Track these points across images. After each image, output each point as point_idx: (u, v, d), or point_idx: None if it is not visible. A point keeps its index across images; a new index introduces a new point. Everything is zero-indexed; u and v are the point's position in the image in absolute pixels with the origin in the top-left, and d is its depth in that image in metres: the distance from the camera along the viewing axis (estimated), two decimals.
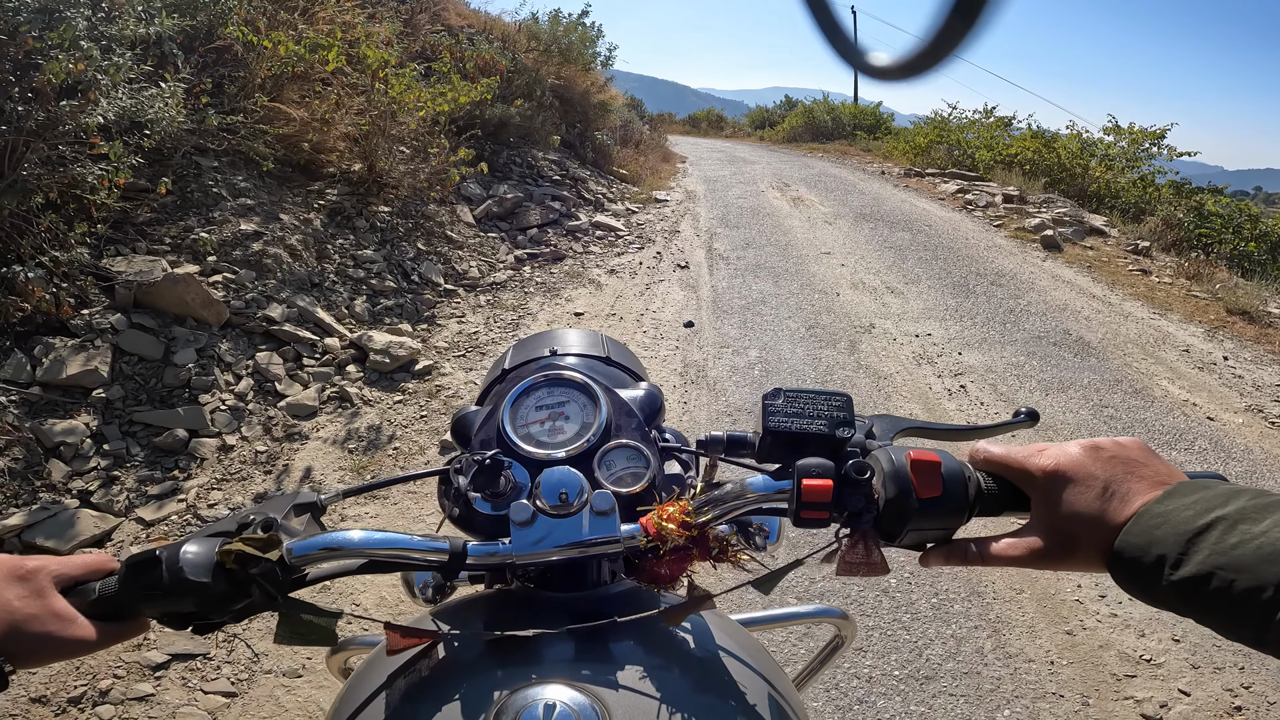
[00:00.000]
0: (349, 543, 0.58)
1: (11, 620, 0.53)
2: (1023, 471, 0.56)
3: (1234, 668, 2.00)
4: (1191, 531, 0.45)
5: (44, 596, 0.55)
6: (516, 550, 0.61)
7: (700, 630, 0.63)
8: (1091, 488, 0.51)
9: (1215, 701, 1.88)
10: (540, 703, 0.50)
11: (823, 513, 0.58)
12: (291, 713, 1.76)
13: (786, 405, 0.64)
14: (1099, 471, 0.52)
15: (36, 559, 0.57)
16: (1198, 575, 0.44)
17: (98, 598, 0.56)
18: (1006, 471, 0.57)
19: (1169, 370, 4.16)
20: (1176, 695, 1.90)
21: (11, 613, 0.54)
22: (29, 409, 2.50)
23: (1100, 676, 1.96)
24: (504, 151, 6.99)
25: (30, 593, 0.55)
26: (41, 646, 0.54)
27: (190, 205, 3.61)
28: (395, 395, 3.31)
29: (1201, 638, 2.10)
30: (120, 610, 0.56)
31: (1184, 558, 0.45)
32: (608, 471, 0.69)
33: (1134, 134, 10.86)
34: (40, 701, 1.74)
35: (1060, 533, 0.52)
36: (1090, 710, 1.85)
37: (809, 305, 4.96)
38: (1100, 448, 0.53)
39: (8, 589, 0.55)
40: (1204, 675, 1.97)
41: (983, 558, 0.56)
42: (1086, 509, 0.51)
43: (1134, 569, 0.47)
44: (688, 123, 24.91)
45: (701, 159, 13.19)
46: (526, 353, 0.88)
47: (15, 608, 0.54)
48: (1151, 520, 0.48)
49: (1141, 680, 1.95)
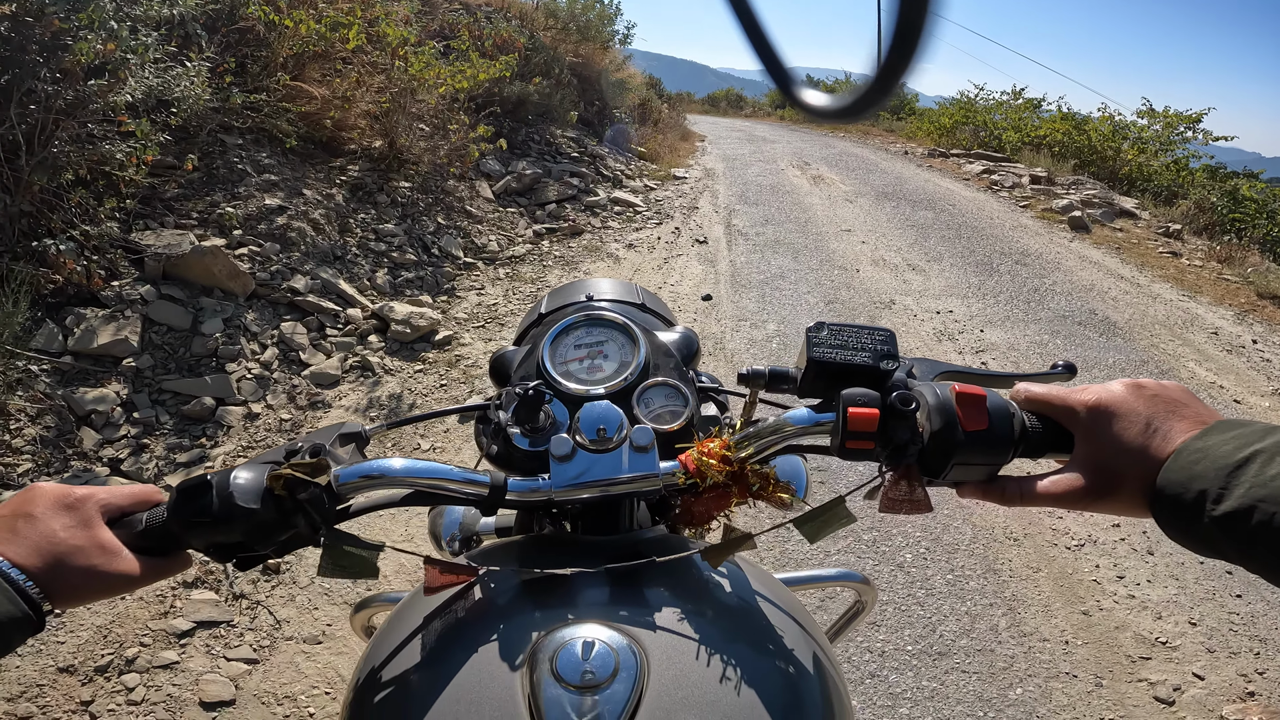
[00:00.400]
0: (392, 470, 0.58)
1: (56, 552, 0.51)
2: (1066, 408, 0.55)
3: (1249, 653, 1.98)
4: (1231, 465, 0.45)
5: (91, 527, 0.53)
6: (555, 485, 0.60)
7: (737, 578, 0.62)
8: (1134, 423, 0.51)
9: (1229, 686, 1.87)
10: (579, 641, 0.50)
11: (868, 443, 0.56)
12: (311, 679, 1.79)
13: (830, 338, 0.63)
14: (1142, 408, 0.51)
15: (84, 488, 0.55)
16: (1239, 509, 0.43)
17: (144, 529, 0.55)
18: (1050, 409, 0.56)
19: (1196, 352, 4.09)
20: (1190, 679, 1.89)
21: (56, 544, 0.51)
22: (61, 378, 2.57)
23: (1115, 658, 1.95)
24: (522, 129, 6.97)
25: (77, 523, 0.53)
26: (84, 581, 0.52)
27: (216, 181, 3.66)
28: (416, 364, 3.35)
29: (1218, 621, 2.08)
30: (165, 543, 0.55)
31: (1225, 492, 0.44)
32: (646, 409, 0.68)
33: (1169, 117, 10.63)
34: (68, 671, 1.75)
35: (1103, 469, 0.52)
36: (1103, 691, 1.84)
37: (828, 281, 4.92)
38: (1143, 386, 0.53)
39: (54, 518, 0.52)
40: (1219, 659, 1.95)
41: (1023, 496, 0.55)
42: (1129, 444, 0.50)
43: (1175, 507, 0.47)
44: (707, 102, 24.61)
45: (721, 137, 13.05)
46: (562, 298, 0.89)
47: (61, 538, 0.52)
48: (1191, 456, 0.47)
49: (1156, 663, 1.94)
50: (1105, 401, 0.52)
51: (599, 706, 0.47)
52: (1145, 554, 2.36)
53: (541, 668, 0.49)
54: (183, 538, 0.55)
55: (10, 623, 0.47)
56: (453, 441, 2.79)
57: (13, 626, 0.47)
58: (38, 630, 0.50)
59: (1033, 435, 0.55)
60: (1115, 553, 2.36)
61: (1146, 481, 0.49)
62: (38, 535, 0.51)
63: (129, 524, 0.56)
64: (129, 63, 2.97)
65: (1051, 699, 1.82)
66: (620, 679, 0.48)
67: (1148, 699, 1.83)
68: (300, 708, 1.71)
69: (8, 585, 0.48)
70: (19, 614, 0.47)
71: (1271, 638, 2.03)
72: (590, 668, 0.48)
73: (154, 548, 0.56)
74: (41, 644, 1.81)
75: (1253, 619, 2.10)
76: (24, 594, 0.48)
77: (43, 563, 0.50)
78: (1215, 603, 2.16)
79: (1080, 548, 2.38)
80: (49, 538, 0.51)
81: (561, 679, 0.48)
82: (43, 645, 1.80)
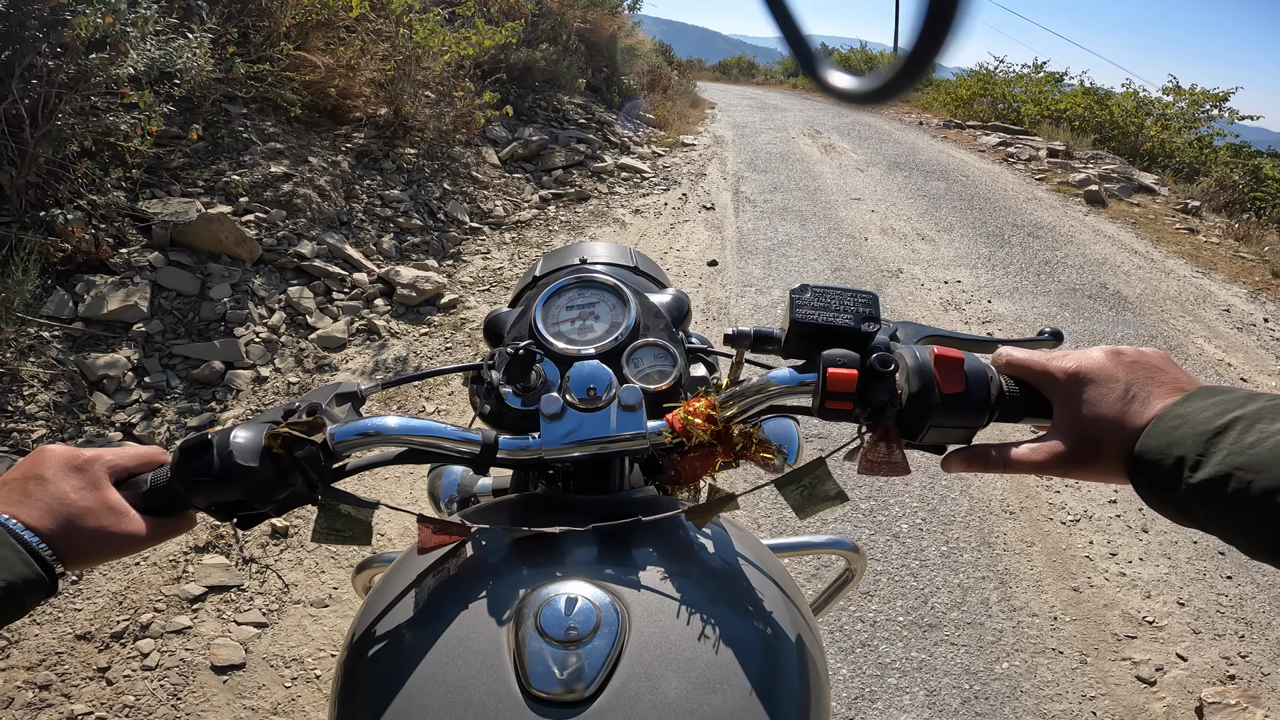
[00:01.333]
0: (387, 428, 0.60)
1: (67, 513, 0.52)
2: (1045, 374, 0.54)
3: (1234, 635, 1.99)
4: (1210, 432, 0.44)
5: (99, 488, 0.54)
6: (546, 444, 0.62)
7: (722, 540, 0.62)
8: (1113, 390, 0.51)
9: (1210, 669, 1.89)
10: (563, 597, 0.51)
11: (846, 403, 0.57)
12: (318, 641, 1.84)
13: (814, 300, 0.64)
14: (1121, 374, 0.51)
15: (92, 450, 0.56)
16: (1216, 476, 0.43)
17: (150, 489, 0.56)
18: (1029, 374, 0.56)
19: (1206, 329, 4.05)
20: (1173, 660, 1.91)
21: (67, 505, 0.52)
22: (72, 344, 2.61)
23: (1101, 636, 1.97)
24: (529, 95, 6.88)
25: (86, 484, 0.54)
26: (94, 543, 0.52)
27: (221, 150, 3.66)
28: (421, 328, 3.38)
29: (1206, 602, 2.10)
30: (170, 503, 0.57)
31: (1203, 459, 0.44)
32: (635, 369, 0.69)
33: (1195, 95, 10.43)
34: (85, 638, 1.79)
35: (1082, 435, 0.51)
36: (1087, 669, 1.86)
37: (836, 249, 4.89)
38: (1122, 353, 0.53)
39: (64, 479, 0.53)
40: (1203, 641, 1.97)
41: (1004, 463, 0.55)
42: (1108, 411, 0.50)
43: (1154, 473, 0.46)
44: (718, 69, 24.12)
45: (731, 105, 12.83)
46: (557, 261, 0.90)
47: (71, 500, 0.52)
48: (1171, 422, 0.47)
49: (1141, 642, 1.96)
50: (1084, 368, 0.52)
51: (580, 660, 0.49)
52: (1140, 531, 2.38)
53: (527, 623, 0.51)
54: (186, 497, 0.56)
55: (24, 585, 0.47)
56: (457, 404, 2.83)
57: (26, 589, 0.48)
58: (51, 593, 0.50)
59: (1010, 399, 0.56)
60: (1110, 529, 2.38)
61: (1125, 448, 0.49)
62: (49, 497, 0.52)
63: (135, 485, 0.57)
64: (129, 36, 2.96)
65: (1036, 674, 1.85)
66: (601, 634, 0.50)
67: (1130, 678, 1.85)
68: (307, 670, 1.77)
69: (21, 548, 0.48)
70: (33, 576, 0.48)
71: (1258, 620, 2.05)
72: (573, 623, 0.50)
73: (159, 508, 0.57)
74: (59, 611, 1.86)
75: (1240, 601, 2.12)
76: (38, 556, 0.49)
77: (54, 524, 0.51)
78: (1205, 583, 2.18)
79: (1075, 523, 2.40)
80: (60, 499, 0.52)
81: (545, 633, 0.50)
82: (60, 612, 1.85)
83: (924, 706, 1.75)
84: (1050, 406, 0.54)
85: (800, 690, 0.54)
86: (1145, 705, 1.78)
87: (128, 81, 2.98)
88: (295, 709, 1.68)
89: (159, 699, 1.68)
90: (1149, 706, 1.78)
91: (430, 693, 0.49)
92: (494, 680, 0.49)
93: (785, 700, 0.52)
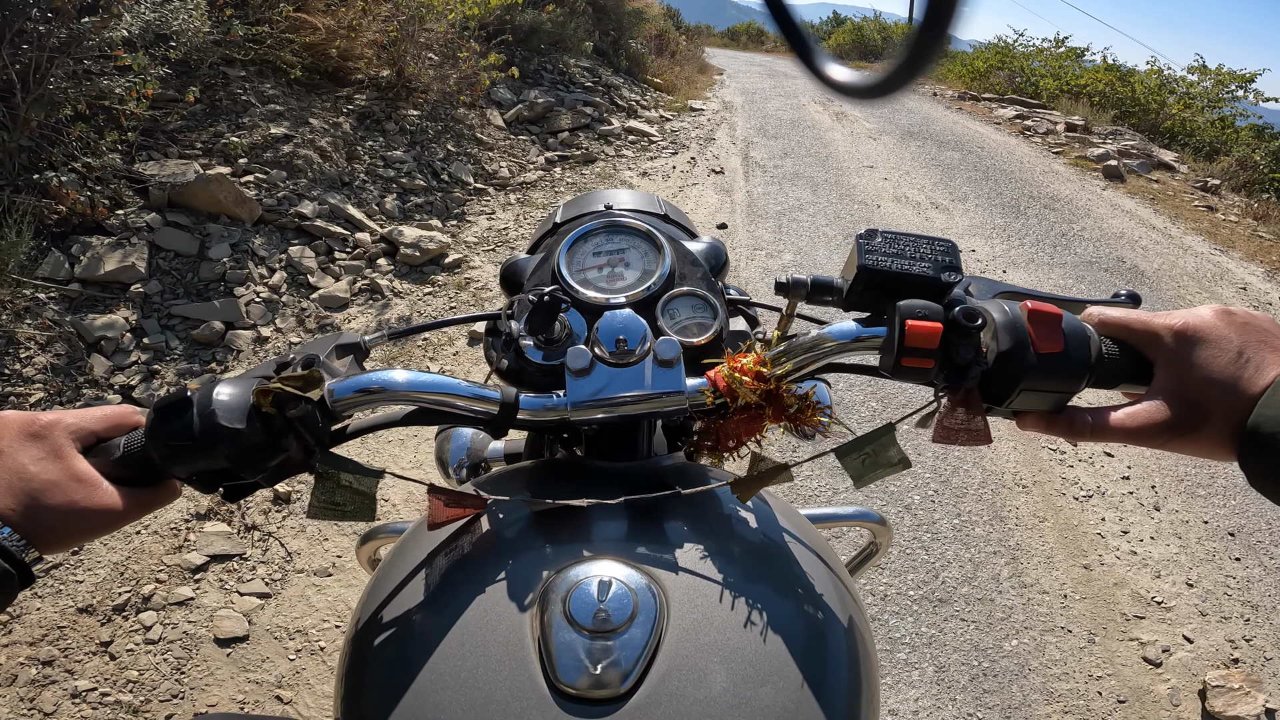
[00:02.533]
0: (393, 384, 0.53)
1: (29, 489, 0.45)
2: (1148, 332, 0.49)
3: (1240, 618, 1.97)
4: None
5: (63, 458, 0.47)
6: (572, 401, 0.55)
7: (763, 514, 0.56)
8: (1225, 352, 0.46)
9: (1215, 651, 1.87)
10: (594, 580, 0.46)
11: (927, 361, 0.50)
12: (322, 612, 1.82)
13: (885, 245, 0.56)
14: (1234, 335, 0.46)
15: (50, 413, 0.48)
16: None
17: (122, 455, 0.49)
18: (1129, 334, 0.50)
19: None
20: (1180, 641, 1.89)
21: (28, 480, 0.45)
22: (69, 305, 2.56)
23: (1110, 615, 1.95)
24: (535, 58, 6.73)
25: (46, 454, 0.46)
26: (65, 521, 0.45)
27: (219, 112, 3.57)
28: (425, 287, 3.34)
29: (1215, 584, 2.07)
30: (147, 471, 0.49)
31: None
32: (671, 320, 0.62)
33: (1221, 75, 10.29)
34: (87, 611, 1.77)
35: (1188, 400, 0.46)
36: (1095, 648, 1.85)
37: (847, 215, 4.80)
38: (1233, 313, 0.48)
39: (22, 450, 0.46)
40: (1210, 623, 1.95)
41: (1094, 430, 0.49)
42: (1219, 374, 0.45)
43: (1271, 447, 0.41)
44: (727, 35, 23.63)
45: (740, 71, 12.55)
46: (580, 208, 0.81)
47: (32, 473, 0.45)
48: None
49: (1149, 622, 1.94)
50: (1193, 326, 0.47)
51: (615, 652, 0.43)
52: (1152, 509, 2.34)
53: (553, 609, 0.45)
54: (163, 465, 0.48)
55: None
56: (462, 365, 2.78)
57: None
58: (27, 583, 0.44)
59: (1109, 361, 0.50)
60: (1122, 506, 2.35)
61: (1237, 418, 0.44)
62: (6, 472, 0.45)
63: (106, 451, 0.49)
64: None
65: (1045, 652, 1.83)
66: (638, 622, 0.44)
67: (1136, 659, 1.84)
68: (311, 641, 1.75)
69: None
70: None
71: (1264, 604, 2.02)
72: (606, 610, 0.44)
73: (135, 477, 0.49)
74: (60, 584, 1.83)
75: (1248, 584, 2.09)
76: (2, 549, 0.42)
77: (17, 504, 0.44)
78: (1214, 564, 2.15)
79: (1088, 499, 2.36)
80: (18, 473, 0.45)
81: (574, 621, 0.44)
82: (61, 585, 1.83)
83: (932, 683, 1.73)
84: (1149, 372, 0.49)
85: (851, 679, 0.49)
86: (1150, 687, 1.76)
87: (121, 44, 2.91)
88: (300, 682, 1.66)
89: (162, 673, 1.66)
90: (1154, 688, 1.76)
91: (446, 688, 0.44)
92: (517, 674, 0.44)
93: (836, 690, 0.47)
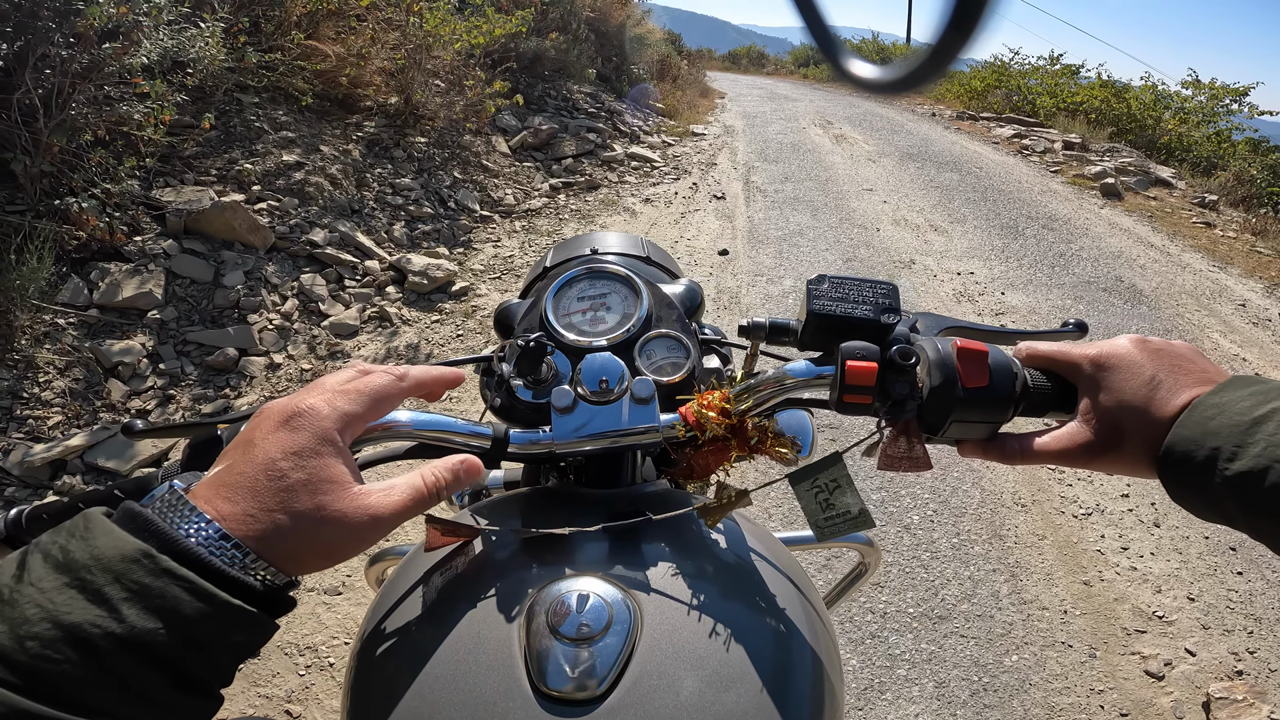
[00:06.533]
0: (399, 423, 0.59)
1: (282, 493, 0.38)
2: (1068, 363, 0.53)
3: (1243, 631, 1.98)
4: (1249, 422, 0.42)
5: (324, 456, 0.41)
6: (557, 437, 0.61)
7: (734, 536, 0.61)
8: (1139, 376, 0.49)
9: (1219, 664, 1.88)
10: (574, 594, 0.51)
11: (865, 397, 0.56)
12: (331, 629, 1.85)
13: (831, 290, 0.62)
14: (1147, 362, 0.50)
15: (308, 402, 0.43)
16: (1255, 469, 0.40)
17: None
18: (1052, 364, 0.55)
19: (1222, 323, 4.01)
20: (1182, 654, 1.90)
21: (278, 479, 0.39)
22: (88, 331, 2.63)
23: (1111, 630, 1.96)
24: (539, 84, 6.86)
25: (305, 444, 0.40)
26: (322, 537, 0.40)
27: (234, 139, 3.67)
28: (433, 315, 3.40)
29: (1216, 598, 2.09)
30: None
31: (1240, 450, 0.41)
32: (648, 360, 0.68)
33: (1215, 89, 10.37)
34: None
35: (1105, 423, 0.50)
36: (1096, 663, 1.86)
37: (847, 239, 4.87)
38: (1148, 341, 0.52)
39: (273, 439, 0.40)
40: (1212, 636, 1.96)
41: (1023, 453, 0.53)
42: (1133, 397, 0.49)
43: (1185, 466, 0.44)
44: (728, 59, 24.00)
45: (741, 95, 12.74)
46: (568, 251, 0.89)
47: (280, 470, 0.39)
48: (1206, 411, 0.44)
49: (1151, 637, 1.95)
50: (1107, 354, 0.51)
51: (593, 658, 0.48)
52: (1152, 526, 2.36)
53: (538, 620, 0.50)
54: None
55: (214, 622, 0.33)
56: (469, 391, 2.84)
57: (220, 624, 0.34)
58: (279, 612, 0.38)
59: (1035, 393, 0.54)
60: (1122, 523, 2.37)
61: (1152, 438, 0.47)
62: (255, 471, 0.38)
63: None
64: (142, 25, 2.97)
65: (1045, 667, 1.85)
66: (613, 632, 0.49)
67: (1139, 672, 1.85)
68: (321, 658, 1.79)
69: (194, 572, 0.33)
70: (223, 607, 0.34)
71: (1266, 617, 2.04)
72: (585, 620, 0.49)
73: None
74: None
75: (1250, 597, 2.10)
76: (228, 580, 0.34)
77: (262, 517, 0.37)
78: (1216, 579, 2.17)
79: (1087, 516, 2.39)
80: (268, 471, 0.38)
81: (557, 631, 0.49)
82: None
83: (933, 698, 1.75)
84: (1074, 400, 0.53)
85: (814, 686, 0.54)
86: (1153, 700, 1.78)
87: (141, 71, 2.99)
88: (309, 697, 1.70)
89: None
90: (1157, 701, 1.77)
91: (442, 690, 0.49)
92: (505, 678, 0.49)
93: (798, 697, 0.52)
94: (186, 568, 0.33)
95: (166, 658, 0.32)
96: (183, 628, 0.32)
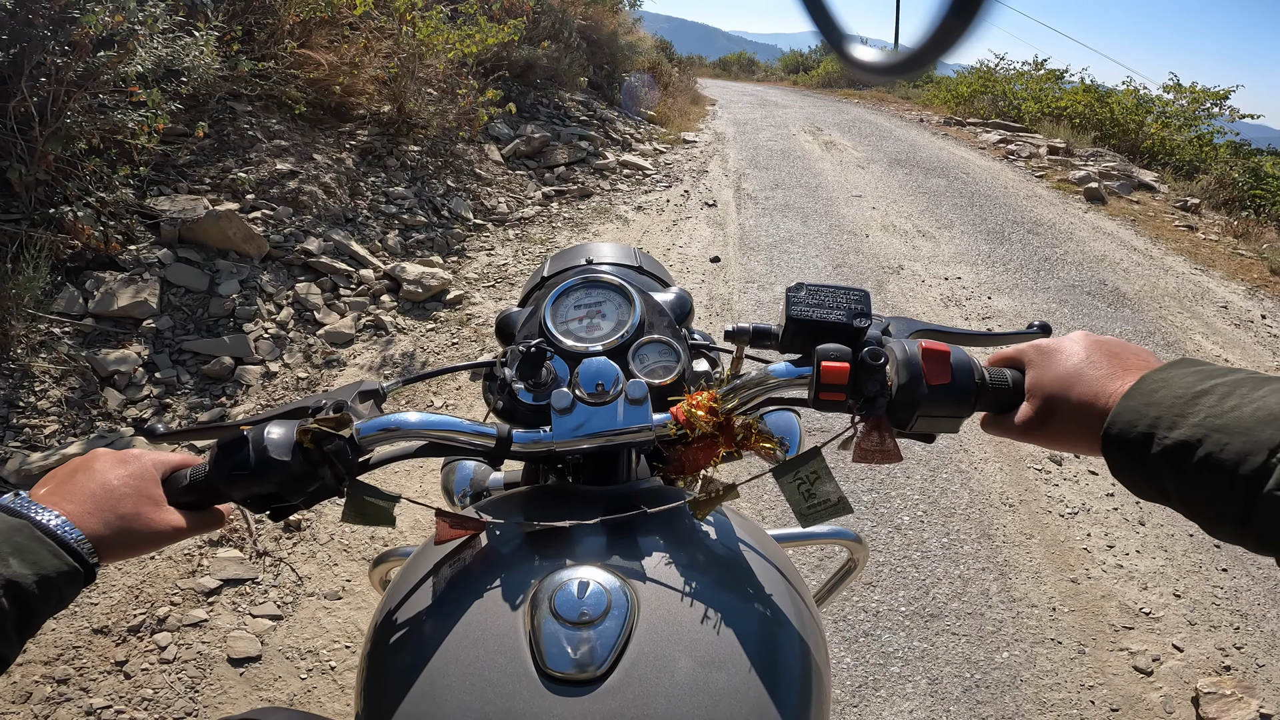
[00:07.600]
0: (408, 424, 0.64)
1: (109, 503, 0.54)
2: (1018, 354, 0.60)
3: (1229, 627, 2.03)
4: (1191, 394, 0.44)
5: (143, 480, 0.57)
6: (557, 436, 0.65)
7: (725, 529, 0.66)
8: (1074, 356, 0.55)
9: (1206, 659, 1.92)
10: (575, 582, 0.55)
11: (839, 395, 0.61)
12: (332, 633, 1.87)
13: (808, 297, 0.68)
14: (1080, 349, 0.56)
15: (135, 450, 0.60)
16: (1191, 440, 0.42)
17: (189, 484, 0.60)
18: (1010, 360, 0.61)
19: (1204, 325, 4.08)
20: (1170, 650, 1.94)
21: (111, 493, 0.55)
22: (83, 340, 2.64)
23: (1099, 626, 2.00)
24: (531, 93, 6.90)
25: (131, 475, 0.57)
26: (135, 536, 0.55)
27: (227, 148, 3.68)
28: (428, 323, 3.42)
29: (1202, 594, 2.13)
30: (203, 498, 0.61)
31: (1179, 419, 0.43)
32: (641, 364, 0.73)
33: (1195, 93, 10.51)
34: (102, 632, 1.81)
35: (1039, 399, 0.55)
36: (1085, 659, 1.90)
37: (837, 245, 4.93)
38: (1089, 334, 0.57)
39: (111, 470, 0.57)
40: (1199, 632, 2.00)
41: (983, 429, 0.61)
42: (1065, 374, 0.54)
43: (1127, 437, 0.46)
44: (718, 66, 24.14)
45: (731, 102, 12.83)
46: (564, 262, 0.94)
47: (114, 488, 0.55)
48: (1151, 385, 0.47)
49: (1138, 633, 1.99)
50: (1049, 344, 0.58)
51: (593, 640, 0.52)
52: (1137, 524, 2.41)
53: (541, 607, 0.54)
54: (224, 490, 0.60)
55: (59, 577, 0.49)
56: (464, 399, 2.86)
57: (61, 581, 0.50)
58: (89, 581, 0.52)
59: (994, 390, 0.59)
60: (1107, 522, 2.42)
61: (1093, 413, 0.50)
62: (95, 486, 0.55)
63: (175, 481, 0.61)
64: (137, 34, 2.98)
65: (1035, 664, 1.89)
66: (612, 616, 0.53)
67: (1127, 668, 1.89)
68: (322, 661, 1.80)
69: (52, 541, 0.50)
70: (65, 568, 0.50)
71: (1252, 612, 2.09)
72: (585, 606, 0.54)
73: (193, 503, 0.61)
74: (76, 606, 1.87)
75: (1236, 593, 2.15)
76: (69, 548, 0.51)
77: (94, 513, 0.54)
78: (1201, 575, 2.22)
79: (1074, 515, 2.44)
80: (105, 488, 0.55)
81: (559, 616, 0.53)
82: (77, 607, 1.87)
83: (926, 695, 1.79)
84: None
85: (800, 667, 0.58)
86: (1142, 695, 1.82)
87: (135, 79, 3.00)
88: (311, 700, 1.71)
89: (177, 691, 1.71)
90: (1146, 696, 1.81)
91: (451, 675, 0.53)
92: (511, 661, 0.52)
93: (786, 677, 0.56)
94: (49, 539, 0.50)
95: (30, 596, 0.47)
96: (43, 576, 0.48)
